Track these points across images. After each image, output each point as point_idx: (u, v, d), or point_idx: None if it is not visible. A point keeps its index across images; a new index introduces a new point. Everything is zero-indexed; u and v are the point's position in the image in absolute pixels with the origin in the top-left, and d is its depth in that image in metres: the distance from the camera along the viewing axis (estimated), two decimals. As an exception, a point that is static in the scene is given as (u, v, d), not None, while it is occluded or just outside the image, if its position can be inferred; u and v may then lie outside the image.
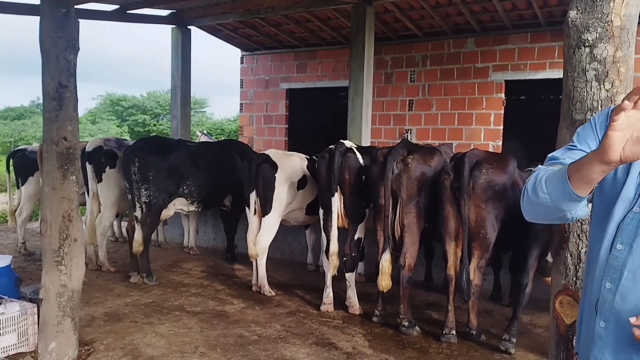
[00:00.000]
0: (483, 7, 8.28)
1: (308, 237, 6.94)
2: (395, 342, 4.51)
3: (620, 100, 1.99)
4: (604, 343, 1.46)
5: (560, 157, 1.61)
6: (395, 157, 4.73)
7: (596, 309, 1.49)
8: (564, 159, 1.57)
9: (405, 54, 9.99)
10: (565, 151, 1.62)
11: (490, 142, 9.18)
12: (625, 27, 1.95)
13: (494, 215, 4.27)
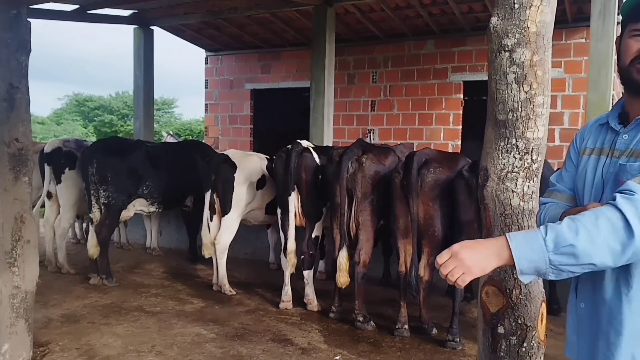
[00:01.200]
0: (441, 10, 8.49)
1: (270, 236, 7.01)
2: (350, 336, 4.62)
3: (538, 102, 2.14)
4: (584, 321, 1.63)
5: (556, 184, 1.83)
6: (350, 157, 4.84)
7: (576, 292, 1.67)
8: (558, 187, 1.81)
9: (367, 55, 10.15)
10: (559, 177, 1.84)
11: (449, 142, 9.41)
12: (541, 33, 2.08)
13: (443, 213, 4.41)
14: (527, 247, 1.36)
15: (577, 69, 8.26)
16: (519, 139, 2.16)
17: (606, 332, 1.53)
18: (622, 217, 1.30)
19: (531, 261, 1.35)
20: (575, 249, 1.31)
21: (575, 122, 8.28)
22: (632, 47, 1.58)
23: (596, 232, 1.30)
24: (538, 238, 1.35)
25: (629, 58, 1.59)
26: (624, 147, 1.59)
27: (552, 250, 1.32)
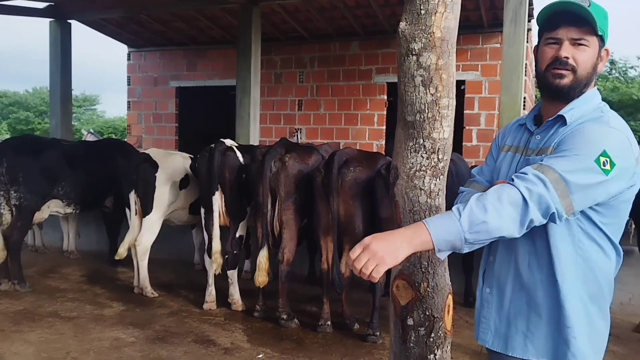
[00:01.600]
0: (365, 13, 8.67)
1: (195, 236, 6.91)
2: (273, 335, 4.65)
3: (444, 104, 2.24)
4: (490, 305, 1.80)
5: (476, 175, 2.02)
6: (273, 156, 4.86)
7: (483, 278, 1.84)
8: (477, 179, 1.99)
9: (294, 55, 10.20)
10: (480, 170, 2.02)
11: (374, 142, 9.63)
12: (446, 38, 2.18)
13: (362, 211, 4.52)
14: (444, 230, 1.49)
15: (493, 72, 8.68)
16: (426, 139, 2.25)
17: (526, 315, 1.68)
18: (518, 192, 1.48)
19: (448, 242, 1.50)
20: (487, 225, 1.47)
21: (491, 123, 8.69)
22: (547, 54, 1.71)
23: (501, 207, 1.47)
24: (453, 220, 1.49)
25: (544, 64, 1.72)
26: (535, 146, 1.74)
27: (467, 230, 1.47)
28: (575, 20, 1.64)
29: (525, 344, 1.69)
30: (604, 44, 1.71)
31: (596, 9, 1.64)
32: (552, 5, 1.69)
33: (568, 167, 1.50)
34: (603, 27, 1.66)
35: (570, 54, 1.66)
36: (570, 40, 1.67)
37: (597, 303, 1.67)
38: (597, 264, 1.65)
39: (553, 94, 1.72)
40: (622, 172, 1.55)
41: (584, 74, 1.67)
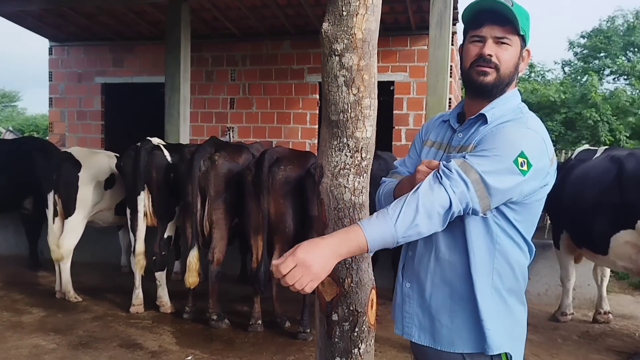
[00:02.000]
0: (297, 12, 8.69)
1: (121, 238, 6.70)
2: (203, 336, 4.59)
3: (366, 104, 2.30)
4: (411, 299, 1.81)
5: (398, 167, 2.06)
6: (202, 155, 4.80)
7: (402, 273, 1.85)
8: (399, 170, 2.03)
9: (225, 53, 10.07)
10: (402, 162, 2.06)
11: (307, 141, 9.68)
12: (367, 39, 2.23)
13: (293, 209, 4.55)
14: (379, 234, 1.53)
15: (421, 73, 8.93)
16: (349, 138, 2.29)
17: (449, 308, 1.70)
18: (446, 192, 1.54)
19: (381, 244, 1.55)
20: (419, 228, 1.53)
21: (419, 123, 8.93)
22: (472, 52, 1.75)
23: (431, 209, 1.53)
24: (389, 225, 1.52)
25: (469, 61, 1.75)
26: (457, 144, 1.78)
27: (401, 235, 1.53)
28: (499, 19, 1.69)
29: (451, 338, 1.72)
30: (525, 44, 1.75)
31: (518, 10, 1.68)
32: (476, 3, 1.73)
33: (488, 168, 1.55)
34: (525, 27, 1.71)
35: (493, 52, 1.70)
36: (493, 39, 1.70)
37: (515, 295, 1.73)
38: (514, 258, 1.71)
39: (477, 91, 1.77)
40: (537, 173, 1.62)
41: (506, 72, 1.72)
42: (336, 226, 2.39)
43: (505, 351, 1.67)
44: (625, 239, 4.21)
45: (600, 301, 5.47)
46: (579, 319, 5.47)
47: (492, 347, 1.65)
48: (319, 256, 1.48)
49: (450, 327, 1.70)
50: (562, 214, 4.86)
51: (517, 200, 1.64)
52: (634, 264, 4.32)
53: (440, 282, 1.72)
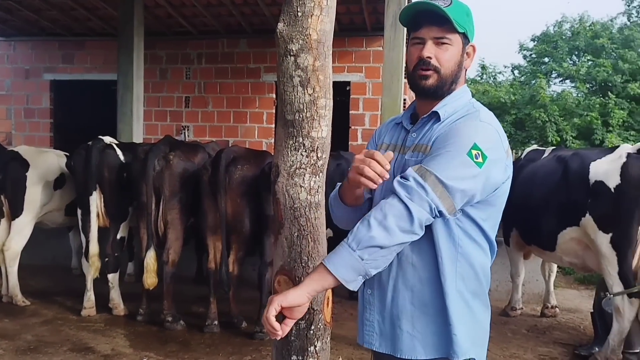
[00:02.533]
0: (253, 11, 8.64)
1: (72, 239, 6.51)
2: (157, 338, 4.53)
3: (321, 104, 2.32)
4: (372, 306, 1.77)
5: None
6: (156, 154, 4.73)
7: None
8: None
9: (180, 51, 9.92)
10: None
11: (263, 140, 9.64)
12: (322, 40, 2.26)
13: (250, 209, 4.54)
14: (345, 267, 1.52)
15: (376, 74, 9.03)
16: (305, 138, 2.31)
17: (410, 314, 1.68)
18: (402, 203, 1.52)
19: (354, 274, 1.53)
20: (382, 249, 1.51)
21: (374, 123, 9.04)
22: (413, 54, 1.73)
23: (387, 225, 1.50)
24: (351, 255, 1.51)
25: (412, 64, 1.75)
26: (411, 143, 1.77)
27: (366, 261, 1.51)
28: (436, 20, 1.67)
29: (412, 344, 1.68)
30: (468, 40, 1.74)
31: (456, 7, 1.67)
32: (412, 5, 1.73)
33: (444, 167, 1.55)
34: (464, 24, 1.69)
35: (433, 54, 1.69)
36: (433, 40, 1.69)
37: (479, 298, 1.73)
38: (476, 261, 1.70)
39: (421, 94, 1.77)
40: (494, 164, 1.61)
41: (448, 72, 1.71)
42: (292, 226, 2.40)
43: (471, 357, 1.66)
44: (571, 236, 4.38)
45: (547, 296, 5.68)
46: (528, 313, 5.67)
47: (458, 352, 1.63)
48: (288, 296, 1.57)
49: (412, 333, 1.67)
50: (512, 212, 4.99)
51: (481, 197, 1.63)
52: (579, 259, 4.50)
53: (402, 286, 1.69)
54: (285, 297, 1.56)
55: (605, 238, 4.08)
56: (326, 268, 1.53)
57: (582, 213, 4.23)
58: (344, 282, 1.53)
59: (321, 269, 1.55)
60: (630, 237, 3.99)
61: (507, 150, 1.70)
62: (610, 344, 4.17)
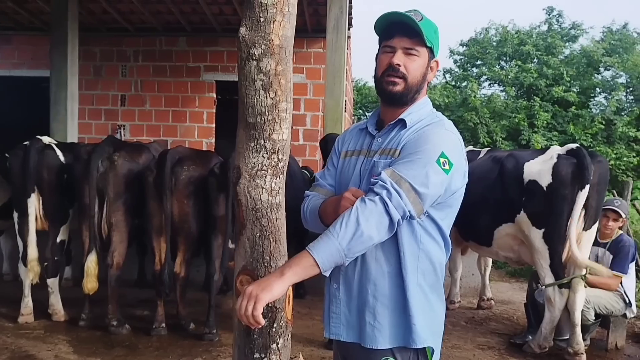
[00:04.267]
0: (192, 9, 8.54)
1: (3, 244, 6.22)
2: (103, 343, 4.42)
3: (283, 107, 2.38)
4: (338, 300, 1.86)
5: (319, 179, 2.08)
6: (100, 155, 4.62)
7: (330, 275, 1.85)
8: (320, 183, 2.07)
9: (115, 47, 9.65)
10: (322, 175, 2.09)
11: (204, 140, 9.54)
12: (284, 46, 2.31)
13: (197, 210, 4.52)
14: (328, 254, 1.64)
15: (317, 75, 9.16)
16: (266, 140, 2.35)
17: (372, 306, 1.79)
18: (382, 203, 1.65)
19: (333, 262, 1.66)
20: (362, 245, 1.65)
21: (315, 123, 9.16)
22: (383, 61, 1.85)
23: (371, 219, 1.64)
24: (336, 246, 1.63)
25: (381, 70, 1.86)
26: (377, 147, 1.88)
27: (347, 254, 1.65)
28: (408, 32, 1.80)
29: (374, 335, 1.79)
30: (434, 55, 1.87)
31: (427, 24, 1.80)
32: (387, 15, 1.86)
33: (416, 174, 1.68)
34: (432, 39, 1.82)
35: (402, 62, 1.81)
36: (403, 49, 1.81)
37: (436, 291, 1.86)
38: (435, 257, 1.84)
39: (388, 99, 1.89)
40: (458, 170, 1.76)
41: (414, 81, 1.84)
42: (254, 226, 2.45)
43: (429, 345, 1.79)
44: (506, 232, 4.66)
45: (483, 289, 5.99)
46: (466, 306, 5.95)
47: (417, 341, 1.76)
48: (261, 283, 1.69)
49: (373, 324, 1.79)
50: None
51: (441, 200, 1.77)
52: (514, 254, 4.78)
53: (366, 280, 1.80)
54: (271, 292, 1.65)
55: (538, 233, 4.37)
56: (313, 259, 1.64)
57: (517, 210, 4.51)
58: (324, 271, 1.66)
59: (307, 260, 1.65)
60: (560, 232, 4.29)
61: (465, 157, 1.86)
62: (543, 332, 4.47)
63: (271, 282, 1.66)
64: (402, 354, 1.79)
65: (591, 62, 14.46)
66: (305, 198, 2.07)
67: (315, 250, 1.64)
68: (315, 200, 2.01)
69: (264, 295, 1.63)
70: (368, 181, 1.83)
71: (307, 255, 1.65)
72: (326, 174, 2.09)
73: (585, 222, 4.38)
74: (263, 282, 1.68)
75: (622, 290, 4.66)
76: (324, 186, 2.06)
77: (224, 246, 4.52)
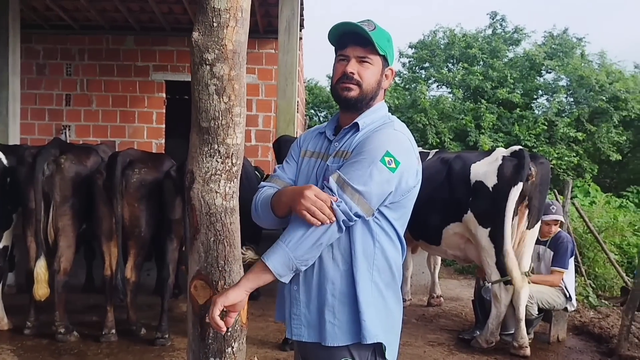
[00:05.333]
0: (141, 7, 8.37)
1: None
2: (50, 351, 4.29)
3: (236, 112, 2.39)
4: (298, 302, 1.89)
5: (277, 172, 2.09)
6: (46, 158, 4.47)
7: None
8: (279, 174, 2.06)
9: (59, 45, 9.36)
10: (281, 167, 2.09)
11: (153, 140, 9.37)
12: (237, 51, 2.33)
13: (149, 213, 4.45)
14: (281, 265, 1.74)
15: (269, 76, 9.16)
16: (220, 145, 2.37)
17: (331, 305, 1.83)
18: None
19: (287, 270, 1.76)
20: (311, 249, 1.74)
21: (268, 124, 9.16)
22: (338, 69, 1.91)
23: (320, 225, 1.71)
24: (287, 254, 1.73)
25: (336, 78, 1.92)
26: (332, 151, 1.94)
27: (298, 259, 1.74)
28: (360, 41, 1.86)
29: (334, 332, 1.83)
30: (387, 64, 1.94)
31: (379, 33, 1.87)
32: (339, 26, 1.92)
33: (359, 175, 1.74)
34: (385, 48, 1.89)
35: (355, 70, 1.87)
36: (356, 58, 1.88)
37: (392, 289, 1.91)
38: (390, 255, 1.89)
39: (344, 105, 1.96)
40: (406, 169, 1.80)
41: (368, 88, 1.91)
42: (208, 231, 2.45)
43: (379, 340, 1.83)
44: (454, 231, 4.80)
45: (433, 287, 6.15)
46: (416, 304, 6.10)
47: (367, 336, 1.81)
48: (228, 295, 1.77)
49: (333, 322, 1.83)
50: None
51: (394, 199, 1.83)
52: (462, 252, 4.94)
53: (325, 280, 1.85)
54: (227, 297, 1.75)
55: (485, 232, 4.54)
56: (266, 266, 1.73)
57: (464, 210, 4.66)
58: (279, 276, 1.75)
59: (260, 267, 1.75)
60: (505, 231, 4.46)
61: (417, 158, 1.92)
62: (489, 327, 4.64)
63: (227, 289, 1.78)
64: (359, 352, 1.84)
65: (534, 65, 15.01)
66: (259, 189, 2.07)
67: (268, 258, 1.74)
68: (269, 190, 2.01)
69: (219, 299, 1.74)
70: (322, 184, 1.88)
71: (260, 263, 1.75)
72: (285, 167, 2.09)
73: (528, 221, 4.58)
74: (227, 290, 1.79)
75: (563, 284, 4.89)
76: (281, 177, 2.06)
77: (180, 250, 4.48)
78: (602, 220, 8.20)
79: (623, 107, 13.63)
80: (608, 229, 7.96)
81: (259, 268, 1.75)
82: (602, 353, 4.73)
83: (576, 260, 5.99)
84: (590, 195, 11.41)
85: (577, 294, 5.42)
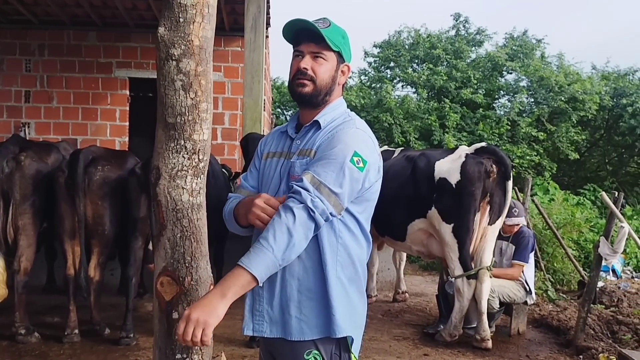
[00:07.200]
0: (103, 2, 8.21)
1: None
2: (10, 353, 4.19)
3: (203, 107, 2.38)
4: (261, 298, 1.91)
5: (242, 182, 2.13)
6: (5, 155, 4.37)
7: None
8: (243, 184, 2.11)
9: (18, 40, 9.09)
10: (245, 177, 2.14)
11: (116, 138, 9.21)
12: (204, 47, 2.33)
13: (112, 211, 4.39)
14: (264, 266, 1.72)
15: (235, 74, 9.11)
16: (187, 141, 2.36)
17: (297, 300, 1.86)
18: (307, 211, 1.74)
19: (269, 273, 1.75)
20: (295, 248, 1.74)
21: (234, 122, 9.11)
22: (294, 66, 1.94)
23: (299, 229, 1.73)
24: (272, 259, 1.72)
25: (291, 74, 1.95)
26: (295, 149, 1.96)
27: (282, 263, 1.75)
28: (313, 37, 1.89)
29: (300, 327, 1.86)
30: (343, 60, 1.97)
31: (333, 30, 1.90)
32: (293, 23, 1.94)
33: (334, 177, 1.78)
34: (340, 44, 1.92)
35: (309, 66, 1.90)
36: (310, 54, 1.91)
37: (355, 284, 1.95)
38: (353, 251, 1.93)
39: (299, 101, 1.98)
40: (372, 166, 1.87)
41: (323, 83, 1.93)
42: (175, 227, 2.44)
43: (348, 334, 1.88)
44: (419, 227, 4.89)
45: (398, 282, 6.25)
46: (382, 300, 6.18)
47: (337, 331, 1.85)
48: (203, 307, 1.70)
49: (299, 317, 1.86)
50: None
51: (358, 194, 1.88)
52: (426, 248, 5.03)
53: (289, 277, 1.88)
54: (217, 316, 1.70)
55: (448, 228, 4.63)
56: (252, 276, 1.70)
57: (429, 206, 4.75)
58: (261, 281, 1.74)
59: (245, 277, 1.71)
60: (468, 227, 4.57)
61: (379, 153, 1.98)
62: (453, 321, 4.75)
63: (214, 304, 1.69)
64: (324, 345, 1.88)
65: (495, 66, 15.34)
66: (228, 200, 2.12)
67: (252, 266, 1.70)
68: (234, 201, 2.06)
69: (212, 320, 1.68)
70: (287, 182, 1.91)
71: (244, 273, 1.70)
72: (249, 176, 2.14)
73: (490, 217, 4.70)
74: (205, 306, 1.70)
75: (524, 278, 5.03)
76: (246, 187, 2.11)
77: (145, 248, 4.42)
78: (560, 217, 8.46)
79: (581, 108, 14.06)
80: (566, 225, 8.21)
81: (243, 278, 1.70)
82: (560, 344, 4.90)
83: (536, 255, 6.17)
84: (549, 192, 11.74)
85: (536, 288, 5.59)
